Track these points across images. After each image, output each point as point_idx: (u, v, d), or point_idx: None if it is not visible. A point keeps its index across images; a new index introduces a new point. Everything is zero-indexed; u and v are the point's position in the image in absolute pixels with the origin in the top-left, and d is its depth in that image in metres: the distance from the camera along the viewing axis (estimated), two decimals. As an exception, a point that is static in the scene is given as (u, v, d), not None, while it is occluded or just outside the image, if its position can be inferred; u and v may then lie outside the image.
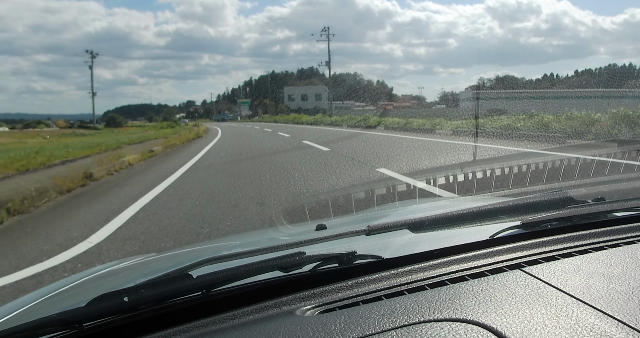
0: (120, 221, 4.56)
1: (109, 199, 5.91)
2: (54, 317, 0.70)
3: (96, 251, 3.64)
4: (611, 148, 8.04)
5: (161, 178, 7.55)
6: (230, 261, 0.80)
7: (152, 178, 7.65)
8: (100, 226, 4.39)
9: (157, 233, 4.06)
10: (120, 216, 4.75)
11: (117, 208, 5.19)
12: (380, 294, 0.76)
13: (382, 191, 3.60)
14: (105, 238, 3.97)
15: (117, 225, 4.39)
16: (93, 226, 4.40)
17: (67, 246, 3.81)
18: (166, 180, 7.25)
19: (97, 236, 4.06)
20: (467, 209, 0.99)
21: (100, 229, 4.28)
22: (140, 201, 5.54)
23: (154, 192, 6.14)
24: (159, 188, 6.51)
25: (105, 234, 4.10)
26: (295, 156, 11.17)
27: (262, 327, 0.68)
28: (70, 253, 3.61)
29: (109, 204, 5.57)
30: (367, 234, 0.91)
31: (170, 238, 3.85)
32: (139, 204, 5.32)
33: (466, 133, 14.23)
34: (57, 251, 3.67)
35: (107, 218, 4.69)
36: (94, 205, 5.65)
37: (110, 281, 1.24)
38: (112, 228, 4.31)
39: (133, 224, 4.42)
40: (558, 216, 1.00)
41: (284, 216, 4.52)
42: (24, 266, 3.35)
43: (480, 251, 0.89)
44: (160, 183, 6.98)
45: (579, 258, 0.86)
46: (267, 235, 1.72)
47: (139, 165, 10.27)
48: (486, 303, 0.69)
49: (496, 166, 3.96)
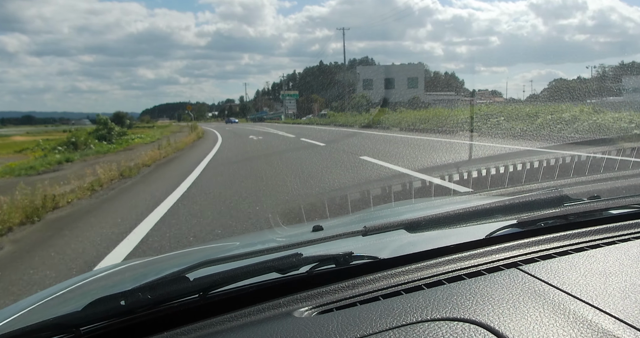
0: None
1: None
2: (50, 321, 0.69)
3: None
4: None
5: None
6: (227, 264, 0.80)
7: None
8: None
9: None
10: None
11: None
12: (378, 294, 0.76)
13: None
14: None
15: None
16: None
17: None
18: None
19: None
20: (463, 209, 0.99)
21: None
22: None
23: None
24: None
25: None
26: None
27: (259, 328, 0.68)
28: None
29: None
30: (364, 234, 0.91)
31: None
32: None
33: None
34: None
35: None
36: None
37: (107, 285, 1.23)
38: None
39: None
40: (554, 214, 1.01)
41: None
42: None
43: (476, 250, 0.89)
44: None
45: (575, 256, 0.86)
46: (264, 236, 1.72)
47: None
48: (483, 302, 0.69)
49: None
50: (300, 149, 13.39)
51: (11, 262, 3.73)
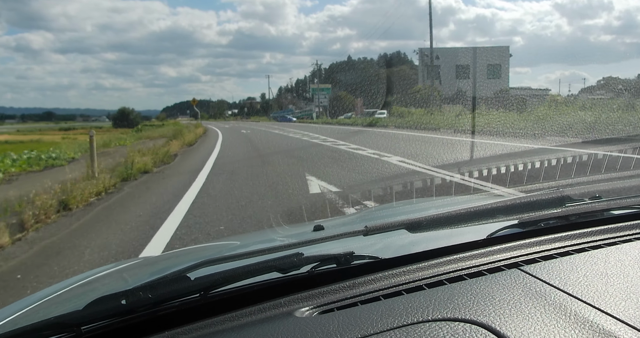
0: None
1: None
2: (51, 320, 0.69)
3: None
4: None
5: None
6: (228, 263, 0.80)
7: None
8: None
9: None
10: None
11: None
12: (379, 294, 0.76)
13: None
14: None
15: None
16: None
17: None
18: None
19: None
20: (464, 209, 0.99)
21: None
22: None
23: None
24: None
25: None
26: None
27: (260, 328, 0.68)
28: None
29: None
30: (365, 234, 0.91)
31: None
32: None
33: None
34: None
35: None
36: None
37: (108, 284, 1.24)
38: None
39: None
40: (555, 214, 1.01)
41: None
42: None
43: (477, 250, 0.89)
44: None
45: (577, 256, 0.86)
46: (265, 236, 1.72)
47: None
48: (484, 303, 0.69)
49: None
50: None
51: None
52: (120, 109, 40.31)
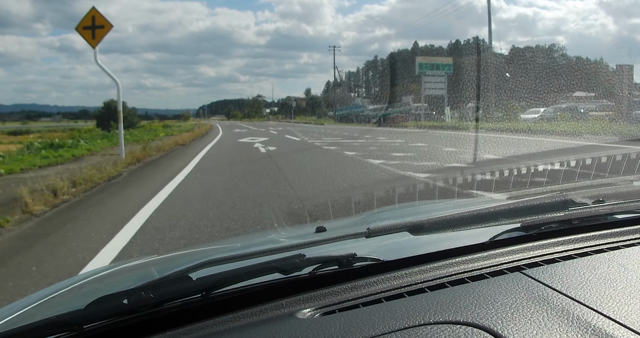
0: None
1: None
2: (53, 319, 0.69)
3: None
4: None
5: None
6: (230, 264, 0.80)
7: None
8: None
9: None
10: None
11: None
12: (380, 296, 0.75)
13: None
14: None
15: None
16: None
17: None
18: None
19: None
20: (467, 212, 0.99)
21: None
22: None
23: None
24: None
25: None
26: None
27: (262, 329, 0.68)
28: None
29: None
30: (367, 236, 0.91)
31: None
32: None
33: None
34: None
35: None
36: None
37: (110, 284, 1.24)
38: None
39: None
40: (558, 218, 1.00)
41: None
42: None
43: (480, 253, 0.89)
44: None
45: (579, 260, 0.86)
46: (267, 236, 1.72)
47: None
48: (486, 306, 0.69)
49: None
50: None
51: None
52: (106, 103, 30.30)
